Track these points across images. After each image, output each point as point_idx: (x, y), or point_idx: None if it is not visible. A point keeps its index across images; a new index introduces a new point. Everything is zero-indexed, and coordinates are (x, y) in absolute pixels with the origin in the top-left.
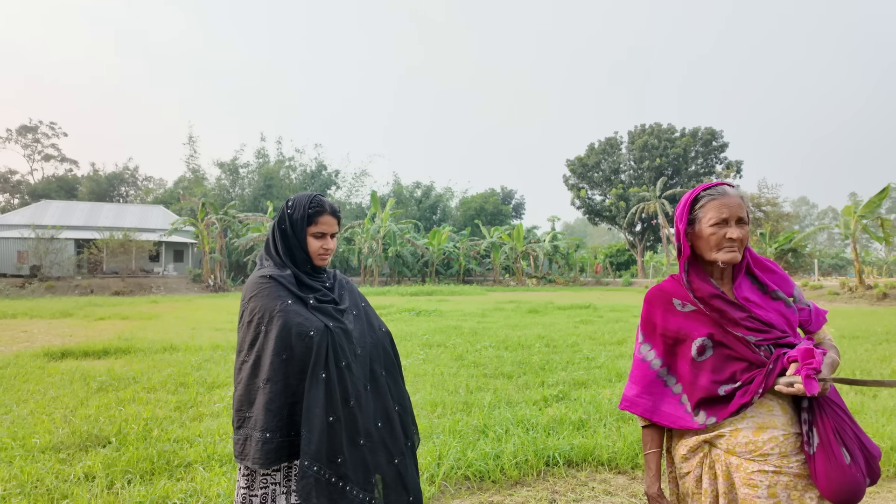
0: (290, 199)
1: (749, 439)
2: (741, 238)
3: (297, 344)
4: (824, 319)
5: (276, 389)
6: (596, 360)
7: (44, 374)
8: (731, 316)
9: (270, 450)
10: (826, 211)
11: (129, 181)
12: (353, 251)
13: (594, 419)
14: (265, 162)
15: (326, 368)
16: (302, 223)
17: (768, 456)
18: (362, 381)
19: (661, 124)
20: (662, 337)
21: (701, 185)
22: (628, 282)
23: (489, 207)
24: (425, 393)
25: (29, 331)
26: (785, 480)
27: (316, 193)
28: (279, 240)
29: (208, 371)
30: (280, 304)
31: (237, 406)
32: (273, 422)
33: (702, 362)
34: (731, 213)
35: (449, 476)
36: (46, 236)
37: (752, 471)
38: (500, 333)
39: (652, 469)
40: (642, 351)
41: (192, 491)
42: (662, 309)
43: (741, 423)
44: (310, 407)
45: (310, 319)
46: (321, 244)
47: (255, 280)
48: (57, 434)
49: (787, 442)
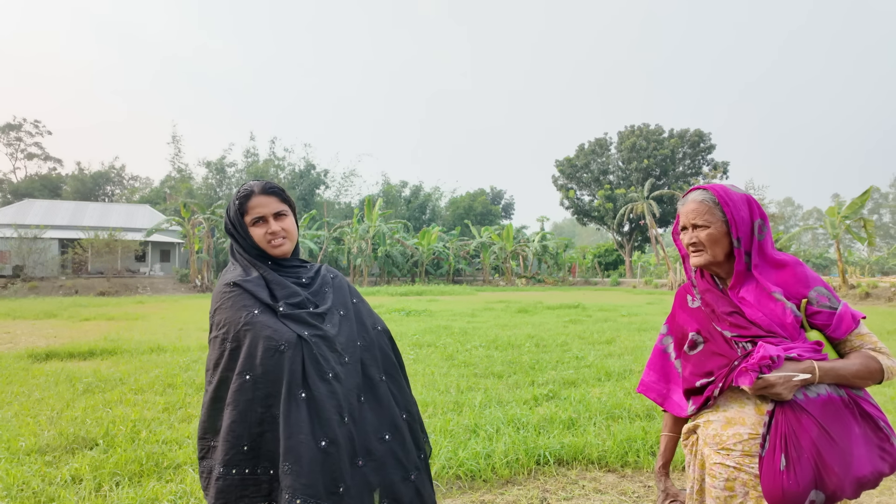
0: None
1: (716, 432)
2: (699, 241)
3: (265, 361)
4: (852, 325)
5: (236, 415)
6: (585, 360)
7: (28, 376)
8: (718, 311)
9: (229, 486)
10: (811, 211)
11: (114, 180)
12: (343, 251)
13: (584, 418)
14: (254, 161)
15: (306, 386)
16: (238, 217)
17: (731, 451)
18: (355, 392)
19: (649, 125)
20: (677, 330)
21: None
22: (616, 281)
23: (478, 207)
24: (416, 393)
25: (12, 332)
26: (745, 478)
27: (246, 182)
28: (233, 242)
29: (196, 372)
30: (245, 316)
31: (201, 433)
32: (231, 454)
33: (692, 356)
34: (686, 219)
35: (440, 475)
36: (30, 236)
37: (714, 462)
38: (490, 333)
39: (661, 449)
40: (664, 342)
41: (181, 493)
42: (679, 304)
43: (713, 415)
44: (291, 434)
45: (279, 331)
46: (264, 230)
47: (219, 289)
48: (43, 436)
49: (753, 442)
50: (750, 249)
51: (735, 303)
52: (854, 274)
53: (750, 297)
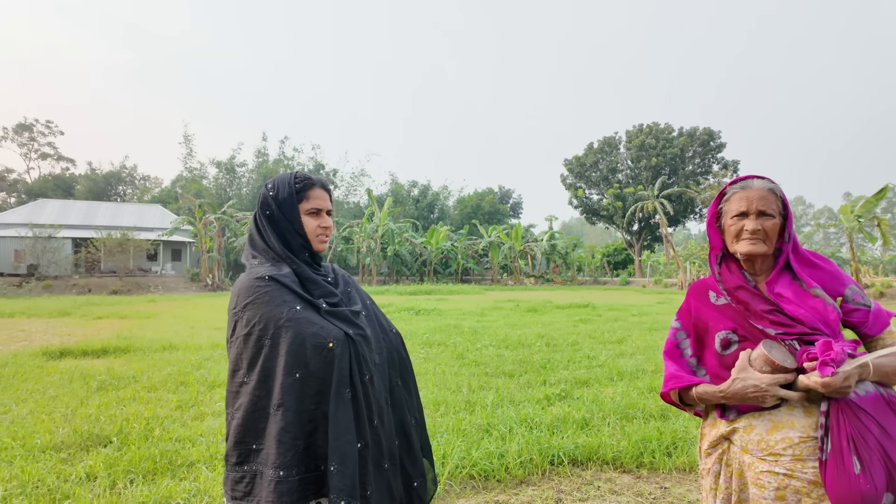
0: (268, 182)
1: (761, 437)
2: (762, 230)
3: (313, 359)
4: (888, 323)
5: (291, 416)
6: (597, 359)
7: (43, 374)
8: (755, 308)
9: (288, 490)
10: (822, 210)
11: (126, 180)
12: (352, 250)
13: (597, 418)
14: (264, 161)
15: (352, 385)
16: (291, 201)
17: (780, 457)
18: (383, 394)
19: (658, 124)
20: (694, 327)
21: (734, 178)
22: (625, 281)
23: (486, 206)
24: (428, 392)
25: (27, 330)
26: (797, 485)
27: (297, 171)
28: (267, 229)
29: (209, 370)
30: (287, 312)
31: (238, 437)
32: (289, 456)
33: (727, 356)
34: (751, 204)
35: (454, 475)
36: (44, 235)
37: (761, 470)
38: (500, 332)
39: (706, 394)
40: (678, 337)
41: (195, 491)
42: (698, 300)
43: (756, 419)
44: (339, 434)
45: (326, 328)
46: (318, 222)
47: (249, 283)
48: (58, 434)
49: (804, 445)
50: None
51: (773, 300)
52: (867, 273)
53: (788, 294)
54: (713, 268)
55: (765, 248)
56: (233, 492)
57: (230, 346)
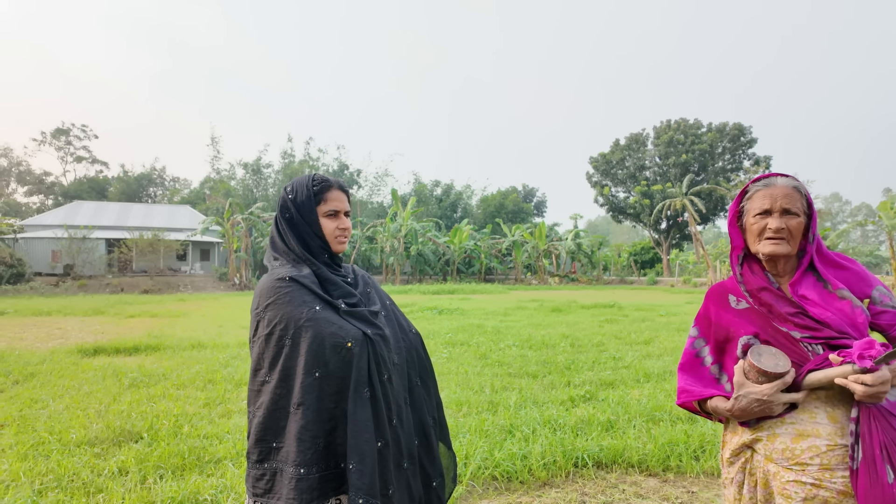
0: (287, 186)
1: (786, 446)
2: (786, 229)
3: (332, 358)
4: None
5: (311, 415)
6: (623, 360)
7: (78, 370)
8: (779, 311)
9: (308, 488)
10: (860, 207)
11: (156, 182)
12: (375, 250)
13: (623, 420)
14: (290, 162)
15: (371, 385)
16: (310, 204)
17: (807, 466)
18: (402, 394)
19: (687, 119)
20: (714, 334)
21: (756, 176)
22: (653, 280)
23: (509, 205)
24: (450, 392)
25: (63, 328)
26: (826, 496)
27: (315, 173)
28: (287, 231)
29: (236, 368)
30: (307, 312)
31: (259, 435)
32: (309, 454)
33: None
34: (775, 203)
35: (476, 476)
36: (79, 236)
37: (787, 480)
38: (524, 332)
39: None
40: (696, 345)
41: (222, 487)
42: (717, 305)
43: (780, 427)
44: (357, 433)
45: (344, 328)
46: (336, 224)
47: (270, 284)
48: (91, 429)
49: (832, 454)
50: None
51: (797, 302)
52: None
53: (813, 296)
54: (734, 268)
55: (788, 249)
56: (254, 489)
57: (252, 345)
